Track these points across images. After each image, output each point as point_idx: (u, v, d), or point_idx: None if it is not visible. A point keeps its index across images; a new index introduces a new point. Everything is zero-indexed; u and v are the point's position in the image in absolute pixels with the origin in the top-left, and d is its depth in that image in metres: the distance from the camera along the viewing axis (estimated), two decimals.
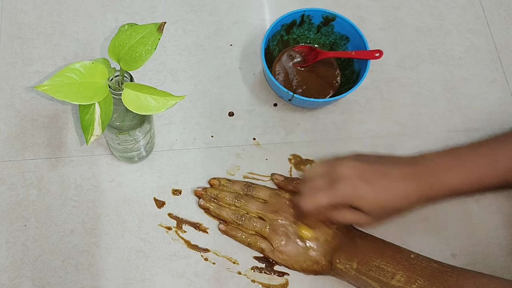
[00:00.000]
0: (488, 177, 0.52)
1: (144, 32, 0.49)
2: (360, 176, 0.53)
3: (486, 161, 0.52)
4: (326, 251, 0.60)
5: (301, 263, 0.61)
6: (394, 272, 0.55)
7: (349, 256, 0.58)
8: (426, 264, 0.55)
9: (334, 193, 0.54)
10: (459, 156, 0.53)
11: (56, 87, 0.46)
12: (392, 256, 0.56)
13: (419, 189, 0.53)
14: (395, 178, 0.53)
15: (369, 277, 0.56)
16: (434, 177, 0.52)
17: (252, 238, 0.63)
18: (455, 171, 0.52)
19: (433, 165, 0.53)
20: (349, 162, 0.55)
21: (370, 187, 0.53)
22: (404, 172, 0.53)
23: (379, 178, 0.53)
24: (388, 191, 0.53)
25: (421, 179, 0.53)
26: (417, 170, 0.53)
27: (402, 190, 0.53)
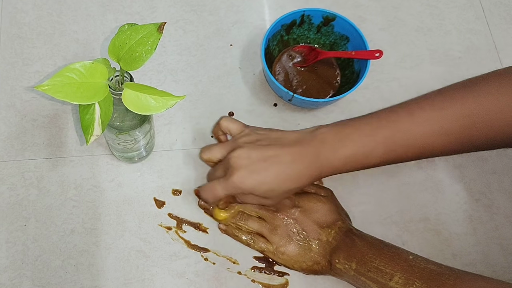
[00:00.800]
0: (367, 158, 0.55)
1: (144, 32, 0.49)
2: (249, 167, 0.55)
3: (366, 141, 0.54)
4: (326, 251, 0.60)
5: (301, 263, 0.61)
6: (392, 273, 0.55)
7: (348, 257, 0.58)
8: (424, 266, 0.55)
9: (228, 185, 0.56)
10: (343, 135, 0.55)
11: (56, 87, 0.46)
12: (390, 257, 0.56)
13: (308, 170, 0.55)
14: (284, 163, 0.55)
15: (367, 277, 0.56)
16: (320, 158, 0.54)
17: (252, 238, 0.63)
18: (340, 152, 0.55)
19: (319, 144, 0.55)
20: (241, 151, 0.56)
21: (258, 177, 0.54)
22: (292, 155, 0.55)
23: (268, 165, 0.55)
24: (277, 177, 0.55)
25: (308, 160, 0.55)
26: (304, 151, 0.55)
27: (291, 173, 0.55)
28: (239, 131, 0.61)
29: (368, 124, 0.55)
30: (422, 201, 0.68)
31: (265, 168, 0.55)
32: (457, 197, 0.68)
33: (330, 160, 0.55)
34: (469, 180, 0.69)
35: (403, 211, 0.67)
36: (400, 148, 0.54)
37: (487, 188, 0.69)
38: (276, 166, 0.55)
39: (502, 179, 0.69)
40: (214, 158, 0.61)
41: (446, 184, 0.69)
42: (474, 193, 0.68)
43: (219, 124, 0.63)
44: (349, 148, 0.54)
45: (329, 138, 0.55)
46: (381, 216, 0.67)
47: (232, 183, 0.55)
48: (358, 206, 0.66)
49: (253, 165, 0.55)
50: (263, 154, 0.55)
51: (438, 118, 0.53)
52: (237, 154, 0.56)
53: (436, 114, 0.53)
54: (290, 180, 0.55)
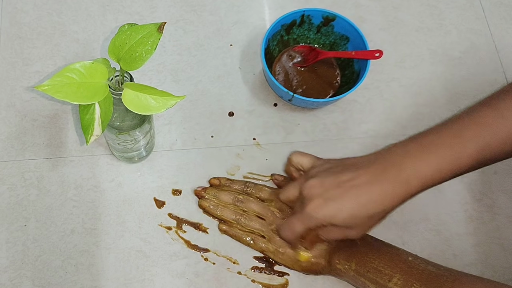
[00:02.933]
0: (458, 160, 0.49)
1: (144, 32, 0.49)
2: (324, 195, 0.51)
3: (453, 144, 0.49)
4: (326, 251, 0.60)
5: (301, 263, 0.61)
6: (391, 274, 0.55)
7: (348, 257, 0.58)
8: (423, 267, 0.54)
9: (304, 218, 0.52)
10: (427, 143, 0.50)
11: (56, 87, 0.46)
12: (390, 258, 0.56)
13: (392, 189, 0.49)
14: (362, 185, 0.50)
15: (367, 278, 0.56)
16: (406, 171, 0.49)
17: (252, 238, 0.63)
18: (427, 159, 0.48)
19: (400, 158, 0.49)
20: (313, 181, 0.52)
21: (335, 204, 0.50)
22: (370, 174, 0.50)
23: (344, 191, 0.50)
24: (356, 202, 0.50)
25: (391, 176, 0.49)
26: (384, 167, 0.50)
27: (373, 194, 0.50)
28: (311, 164, 0.57)
29: (450, 127, 0.50)
30: (423, 201, 0.68)
31: (340, 194, 0.50)
32: (458, 197, 0.68)
33: (417, 170, 0.48)
34: (470, 180, 0.69)
35: (403, 211, 0.67)
36: (492, 143, 0.48)
37: (488, 188, 0.69)
38: (353, 190, 0.50)
39: (504, 179, 0.69)
40: (292, 196, 0.57)
41: (447, 184, 0.68)
42: (475, 193, 0.68)
43: (290, 160, 0.60)
44: (437, 154, 0.48)
45: (411, 149, 0.49)
46: None
47: (307, 214, 0.51)
48: None
49: (327, 193, 0.51)
50: (337, 179, 0.51)
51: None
52: (310, 184, 0.53)
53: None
54: (373, 202, 0.49)
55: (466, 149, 0.48)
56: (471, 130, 0.49)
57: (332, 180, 0.51)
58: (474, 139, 0.48)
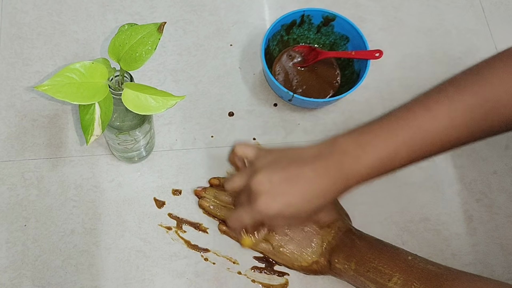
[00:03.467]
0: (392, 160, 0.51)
1: (144, 32, 0.49)
2: (272, 190, 0.52)
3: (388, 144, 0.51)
4: (326, 251, 0.60)
5: (300, 262, 0.61)
6: (391, 274, 0.55)
7: (347, 257, 0.58)
8: (423, 267, 0.54)
9: (254, 212, 0.53)
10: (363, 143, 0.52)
11: (56, 87, 0.46)
12: (389, 258, 0.56)
13: (333, 184, 0.52)
14: (307, 180, 0.52)
15: (366, 278, 0.56)
16: (344, 169, 0.51)
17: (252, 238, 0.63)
18: (363, 160, 0.51)
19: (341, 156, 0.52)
20: (261, 176, 0.53)
21: (283, 199, 0.52)
22: (314, 171, 0.52)
23: (291, 185, 0.52)
24: (302, 196, 0.52)
25: (332, 173, 0.52)
26: (326, 164, 0.52)
27: (317, 189, 0.52)
28: (255, 155, 0.58)
29: (386, 127, 0.52)
30: (422, 201, 0.68)
31: (288, 189, 0.52)
32: (458, 197, 0.68)
33: (354, 170, 0.51)
34: (470, 180, 0.69)
35: (403, 211, 0.67)
36: (424, 146, 0.51)
37: (488, 188, 0.69)
38: (300, 185, 0.52)
39: (503, 179, 0.69)
40: (238, 187, 0.57)
41: (446, 184, 0.69)
42: (474, 193, 0.68)
43: (235, 152, 0.60)
44: (372, 155, 0.51)
45: (349, 148, 0.52)
46: (381, 216, 0.67)
47: (257, 209, 0.53)
48: (358, 206, 0.66)
49: (276, 188, 0.52)
50: (285, 175, 0.52)
51: (454, 110, 0.51)
52: (258, 180, 0.53)
53: (453, 106, 0.51)
54: (316, 197, 0.52)
55: (400, 151, 0.51)
56: (406, 132, 0.51)
57: (279, 175, 0.53)
58: (408, 141, 0.51)
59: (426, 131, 0.51)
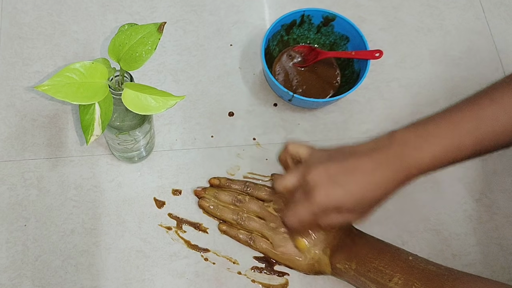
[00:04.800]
0: (456, 151, 0.50)
1: (144, 32, 0.49)
2: (331, 181, 0.51)
3: (452, 134, 0.50)
4: (327, 250, 0.60)
5: (301, 262, 0.61)
6: (392, 274, 0.55)
7: (348, 257, 0.58)
8: (423, 267, 0.54)
9: (312, 205, 0.52)
10: (426, 133, 0.51)
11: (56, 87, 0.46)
12: (390, 258, 0.56)
13: (394, 175, 0.51)
14: (366, 170, 0.51)
15: (367, 278, 0.56)
16: (406, 160, 0.50)
17: (252, 238, 0.63)
18: (426, 150, 0.50)
19: (401, 146, 0.51)
20: (316, 169, 0.52)
21: (343, 189, 0.51)
22: (373, 161, 0.51)
23: (350, 176, 0.51)
24: (363, 186, 0.51)
25: (392, 164, 0.51)
26: (386, 155, 0.51)
27: (377, 180, 0.51)
28: (309, 153, 0.57)
29: (449, 118, 0.51)
30: (422, 201, 0.68)
31: (348, 180, 0.51)
32: (457, 197, 0.68)
33: (416, 160, 0.50)
34: (469, 180, 0.69)
35: (403, 211, 0.67)
36: (491, 136, 0.50)
37: (488, 188, 0.69)
38: (359, 175, 0.51)
39: (503, 179, 0.69)
40: (291, 185, 0.56)
41: (446, 184, 0.69)
42: (474, 193, 0.68)
43: (287, 150, 0.59)
44: (435, 145, 0.49)
45: (410, 139, 0.51)
46: (381, 216, 0.67)
47: (316, 201, 0.52)
48: None
49: (334, 179, 0.51)
50: (342, 166, 0.52)
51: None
52: (314, 172, 0.52)
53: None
54: (378, 187, 0.51)
55: (464, 141, 0.49)
56: (470, 122, 0.50)
57: (337, 166, 0.52)
58: (473, 131, 0.49)
59: (493, 121, 0.49)
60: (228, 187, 0.66)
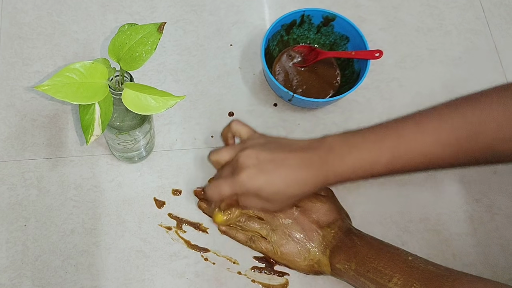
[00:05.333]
0: (372, 166, 0.53)
1: (144, 32, 0.49)
2: (258, 166, 0.54)
3: (371, 149, 0.53)
4: (326, 251, 0.60)
5: (301, 262, 0.61)
6: (391, 274, 0.55)
7: (347, 257, 0.58)
8: (423, 267, 0.54)
9: (235, 183, 0.55)
10: (350, 144, 0.54)
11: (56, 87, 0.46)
12: (390, 258, 0.56)
13: (314, 176, 0.54)
14: (292, 166, 0.54)
15: (367, 278, 0.56)
16: (327, 165, 0.53)
17: (252, 238, 0.63)
18: (346, 159, 0.53)
19: (327, 151, 0.54)
20: (250, 151, 0.55)
21: (266, 177, 0.54)
22: (300, 159, 0.54)
23: (276, 167, 0.54)
24: (284, 180, 0.54)
25: (315, 166, 0.54)
26: (312, 157, 0.54)
27: (298, 177, 0.54)
28: (249, 135, 0.61)
29: (374, 132, 0.54)
30: (422, 201, 0.68)
31: (273, 169, 0.54)
32: (457, 197, 0.68)
33: (336, 167, 0.54)
34: (470, 180, 0.69)
35: (403, 211, 0.67)
36: (405, 156, 0.53)
37: (488, 188, 0.69)
38: (284, 168, 0.54)
39: (503, 179, 0.69)
40: (222, 159, 0.60)
41: (446, 184, 0.69)
42: (474, 193, 0.68)
43: (230, 127, 0.63)
44: (355, 156, 0.53)
45: (336, 146, 0.54)
46: (381, 216, 0.67)
47: (239, 181, 0.55)
48: (358, 206, 0.66)
49: (261, 165, 0.54)
50: (272, 155, 0.55)
51: (442, 128, 0.52)
52: (246, 154, 0.56)
53: (441, 124, 0.52)
54: (297, 184, 0.54)
55: (381, 158, 0.53)
56: (390, 139, 0.53)
57: (267, 155, 0.55)
58: (391, 149, 0.52)
59: (411, 142, 0.52)
60: None
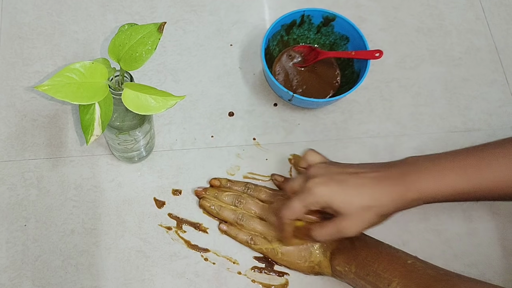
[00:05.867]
0: (470, 190, 0.51)
1: (144, 32, 0.49)
2: (327, 176, 0.53)
3: (471, 174, 0.51)
4: (327, 252, 0.60)
5: (301, 264, 0.61)
6: (391, 279, 0.54)
7: (347, 259, 0.58)
8: (422, 272, 0.54)
9: (305, 194, 0.53)
10: (437, 162, 0.52)
11: (56, 87, 0.46)
12: (388, 261, 0.56)
13: (390, 191, 0.51)
14: (365, 177, 0.52)
15: (366, 281, 0.56)
16: (406, 178, 0.51)
17: (253, 238, 0.63)
18: (431, 176, 0.51)
19: (408, 167, 0.52)
20: (318, 166, 0.55)
21: (338, 186, 0.52)
22: (375, 172, 0.53)
23: (348, 177, 0.53)
24: (356, 188, 0.52)
25: (394, 179, 0.52)
26: (390, 171, 0.53)
27: (372, 188, 0.52)
28: (321, 161, 0.59)
29: (472, 156, 0.52)
30: None
31: (344, 179, 0.52)
32: None
33: (419, 184, 0.51)
34: None
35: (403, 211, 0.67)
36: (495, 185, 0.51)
37: None
38: (355, 178, 0.52)
39: None
40: (297, 186, 0.57)
41: None
42: None
43: (304, 157, 0.60)
44: (446, 179, 0.50)
45: (423, 164, 0.52)
46: None
47: (307, 189, 0.53)
48: None
49: (331, 175, 0.53)
50: (343, 169, 0.54)
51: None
52: (316, 167, 0.55)
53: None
54: (371, 195, 0.51)
55: (480, 184, 0.50)
56: (491, 167, 0.50)
57: (338, 168, 0.54)
58: (490, 176, 0.50)
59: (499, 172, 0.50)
60: (229, 188, 0.66)
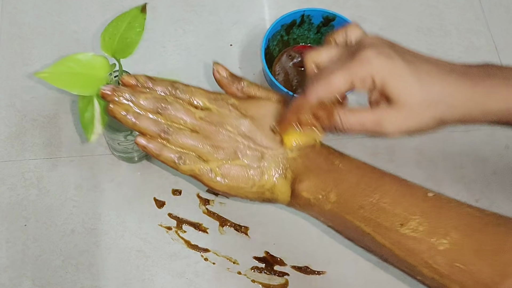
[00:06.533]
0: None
1: (129, 17, 0.50)
2: (395, 50, 0.42)
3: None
4: (286, 172, 0.45)
5: (247, 189, 0.46)
6: (406, 216, 0.40)
7: (323, 184, 0.43)
8: (457, 209, 0.41)
9: (358, 64, 0.41)
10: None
11: (56, 75, 0.46)
12: (400, 192, 0.41)
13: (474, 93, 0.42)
14: (444, 69, 0.43)
15: (357, 218, 0.41)
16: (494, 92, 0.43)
17: (182, 156, 0.47)
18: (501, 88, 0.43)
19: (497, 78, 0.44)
20: (375, 37, 0.44)
21: (408, 67, 0.41)
22: (453, 67, 0.43)
23: (422, 61, 0.43)
24: (430, 78, 0.41)
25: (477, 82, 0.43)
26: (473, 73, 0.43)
27: (450, 83, 0.42)
28: (372, 36, 0.47)
29: None
30: None
31: (413, 61, 0.42)
32: (457, 197, 0.67)
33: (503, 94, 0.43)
34: (469, 180, 0.69)
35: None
36: None
37: (487, 188, 0.69)
38: (428, 64, 0.43)
39: (503, 179, 0.69)
40: (327, 57, 0.45)
41: (446, 184, 0.69)
42: (474, 193, 0.68)
43: (347, 29, 0.48)
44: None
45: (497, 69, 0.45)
46: None
47: (361, 61, 0.41)
48: None
49: (396, 51, 0.42)
50: (412, 51, 0.43)
51: None
52: (374, 37, 0.43)
53: None
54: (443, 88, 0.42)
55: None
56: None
57: (405, 48, 0.44)
58: None
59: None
60: (149, 89, 0.48)
